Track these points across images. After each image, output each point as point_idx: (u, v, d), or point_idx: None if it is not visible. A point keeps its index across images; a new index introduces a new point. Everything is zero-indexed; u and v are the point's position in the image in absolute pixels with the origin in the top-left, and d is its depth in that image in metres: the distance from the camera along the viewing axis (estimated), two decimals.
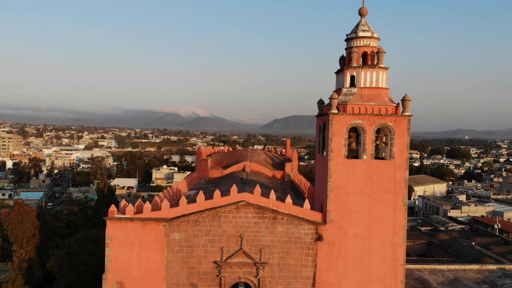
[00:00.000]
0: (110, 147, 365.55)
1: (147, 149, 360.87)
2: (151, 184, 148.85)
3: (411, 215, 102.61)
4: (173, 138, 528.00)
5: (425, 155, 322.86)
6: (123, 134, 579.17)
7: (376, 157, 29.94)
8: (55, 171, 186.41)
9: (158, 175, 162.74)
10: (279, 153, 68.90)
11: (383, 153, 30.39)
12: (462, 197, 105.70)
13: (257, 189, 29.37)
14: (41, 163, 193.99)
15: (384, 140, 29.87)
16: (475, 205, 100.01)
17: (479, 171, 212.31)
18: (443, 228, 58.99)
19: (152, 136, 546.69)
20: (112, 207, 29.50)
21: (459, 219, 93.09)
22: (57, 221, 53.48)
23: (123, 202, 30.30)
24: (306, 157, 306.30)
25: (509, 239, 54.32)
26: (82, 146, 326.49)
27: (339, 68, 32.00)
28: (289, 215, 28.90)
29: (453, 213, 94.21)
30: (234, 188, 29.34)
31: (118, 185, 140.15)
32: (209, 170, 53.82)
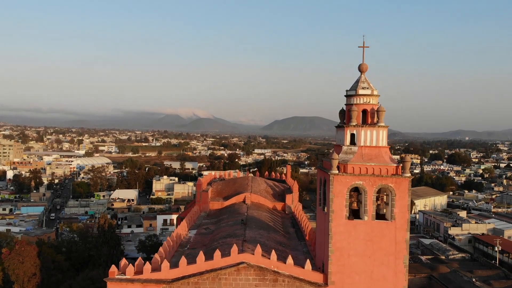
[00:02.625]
0: (110, 152, 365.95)
1: (147, 154, 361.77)
2: (151, 196, 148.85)
3: (411, 230, 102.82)
4: (174, 141, 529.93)
5: (426, 160, 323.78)
6: (124, 137, 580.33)
7: (377, 213, 29.90)
8: (56, 180, 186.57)
9: (159, 186, 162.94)
10: (279, 176, 69.03)
11: (384, 210, 30.32)
12: (463, 214, 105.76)
13: (258, 249, 29.28)
14: (41, 172, 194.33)
15: (385, 200, 29.79)
16: (475, 222, 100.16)
17: (480, 178, 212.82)
18: (443, 257, 58.96)
19: (152, 139, 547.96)
20: (113, 268, 29.43)
21: (460, 236, 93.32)
22: (58, 254, 53.44)
23: (123, 261, 30.24)
24: (306, 162, 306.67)
25: (509, 272, 54.21)
26: (82, 152, 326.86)
27: (339, 123, 31.99)
28: (290, 276, 28.80)
29: (453, 231, 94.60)
30: (234, 248, 29.22)
31: (118, 198, 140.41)
32: (209, 202, 53.88)
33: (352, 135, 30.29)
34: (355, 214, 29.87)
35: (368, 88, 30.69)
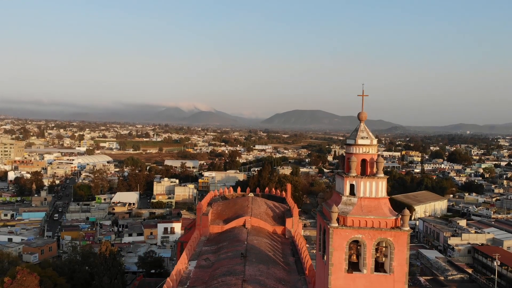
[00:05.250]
0: (111, 149, 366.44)
1: (148, 151, 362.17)
2: (152, 200, 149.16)
3: (411, 239, 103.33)
4: (175, 136, 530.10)
5: (426, 157, 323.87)
6: (125, 131, 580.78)
7: (376, 262, 30.02)
8: (57, 181, 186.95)
9: (159, 188, 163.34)
10: (279, 194, 69.35)
11: (383, 259, 30.45)
12: (463, 222, 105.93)
13: None
14: (42, 172, 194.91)
15: (383, 252, 29.89)
16: (475, 232, 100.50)
17: (480, 178, 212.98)
18: (442, 278, 59.29)
19: (153, 134, 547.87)
20: None
21: (459, 247, 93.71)
22: (60, 276, 53.82)
23: None
24: (307, 159, 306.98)
25: None
26: (83, 149, 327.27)
27: (339, 168, 32.04)
28: None
29: (453, 241, 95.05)
30: None
31: (119, 202, 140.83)
32: (209, 225, 54.30)
33: (352, 186, 30.33)
34: (354, 265, 30.02)
35: (367, 137, 30.66)
